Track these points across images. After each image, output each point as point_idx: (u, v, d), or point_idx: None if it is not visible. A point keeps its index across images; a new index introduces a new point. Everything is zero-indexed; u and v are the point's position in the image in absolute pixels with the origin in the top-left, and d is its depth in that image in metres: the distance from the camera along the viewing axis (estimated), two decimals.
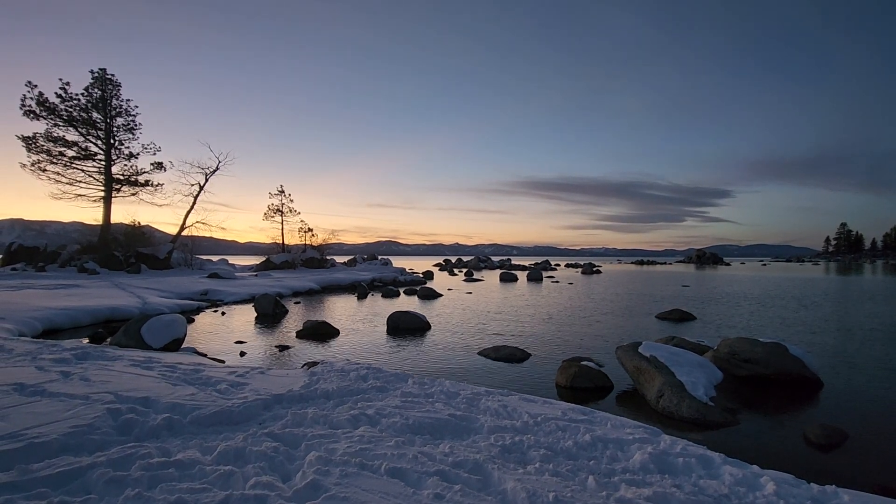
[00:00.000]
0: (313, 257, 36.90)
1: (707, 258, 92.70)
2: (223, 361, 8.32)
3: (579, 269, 55.85)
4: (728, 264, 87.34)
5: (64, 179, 28.86)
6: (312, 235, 41.45)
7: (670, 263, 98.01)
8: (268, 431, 3.93)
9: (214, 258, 36.69)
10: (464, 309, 17.29)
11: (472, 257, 71.16)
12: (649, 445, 4.01)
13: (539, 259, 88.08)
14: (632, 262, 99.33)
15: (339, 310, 17.27)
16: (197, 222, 32.93)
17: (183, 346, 9.32)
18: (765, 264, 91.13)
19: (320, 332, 11.65)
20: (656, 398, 6.16)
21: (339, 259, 42.96)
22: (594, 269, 54.18)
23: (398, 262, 56.30)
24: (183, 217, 32.67)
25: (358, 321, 14.16)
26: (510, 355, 9.10)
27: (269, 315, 15.12)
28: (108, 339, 9.76)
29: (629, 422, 4.80)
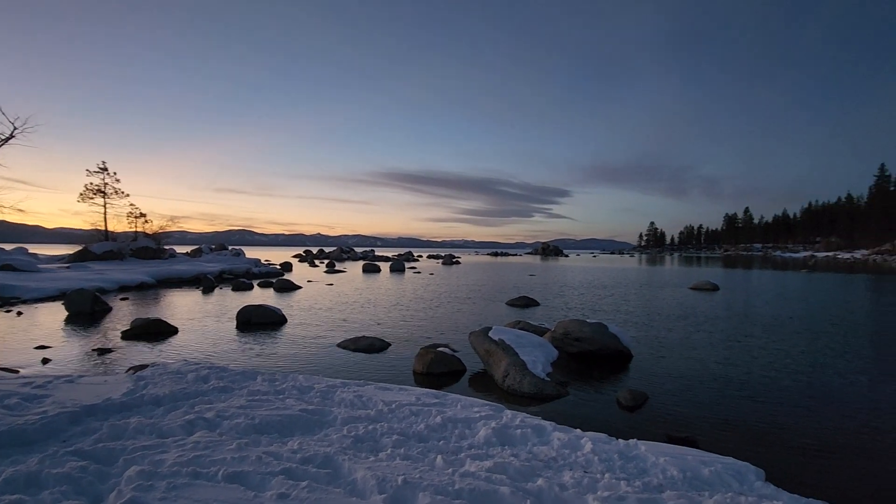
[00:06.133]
0: (147, 247, 32.13)
1: (551, 250, 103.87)
2: (17, 371, 6.82)
3: (440, 261, 58.05)
4: (567, 256, 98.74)
5: None
6: (146, 222, 35.98)
7: (521, 255, 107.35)
8: (74, 449, 3.33)
9: (8, 246, 29.71)
10: (324, 301, 16.75)
11: (335, 248, 69.12)
12: (493, 421, 4.34)
13: (402, 250, 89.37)
14: (488, 254, 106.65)
15: (179, 305, 15.38)
16: None
17: None
18: (595, 256, 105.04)
19: (153, 332, 10.24)
20: (503, 377, 6.70)
21: (181, 249, 38.19)
22: (454, 260, 56.85)
23: (253, 252, 52.13)
24: None
25: (202, 317, 12.78)
26: (369, 346, 9.07)
27: (86, 314, 12.82)
28: None
29: (478, 401, 5.14)
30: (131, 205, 36.03)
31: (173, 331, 10.54)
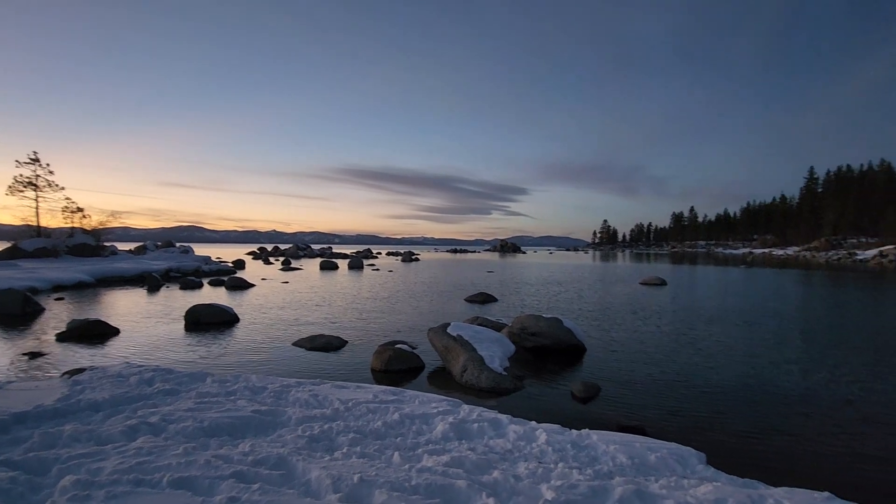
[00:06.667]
0: (85, 244, 30.14)
1: (509, 247, 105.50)
2: None
3: (399, 258, 57.73)
4: (525, 253, 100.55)
5: None
6: (84, 217, 33.71)
7: (479, 252, 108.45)
8: (2, 459, 3.08)
9: None
10: (279, 299, 16.30)
11: (291, 245, 67.33)
12: (451, 416, 4.37)
13: (361, 247, 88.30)
14: (447, 251, 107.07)
15: (122, 305, 14.54)
16: None
17: None
18: (551, 253, 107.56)
19: (92, 333, 9.63)
20: (461, 373, 6.75)
21: (124, 246, 36.13)
22: (413, 257, 56.67)
23: (203, 249, 50.07)
24: None
25: (146, 317, 12.13)
26: (326, 344, 8.91)
27: (16, 316, 11.91)
28: None
29: (435, 397, 5.16)
30: (67, 199, 33.64)
31: (114, 332, 9.96)
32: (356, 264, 36.88)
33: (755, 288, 21.83)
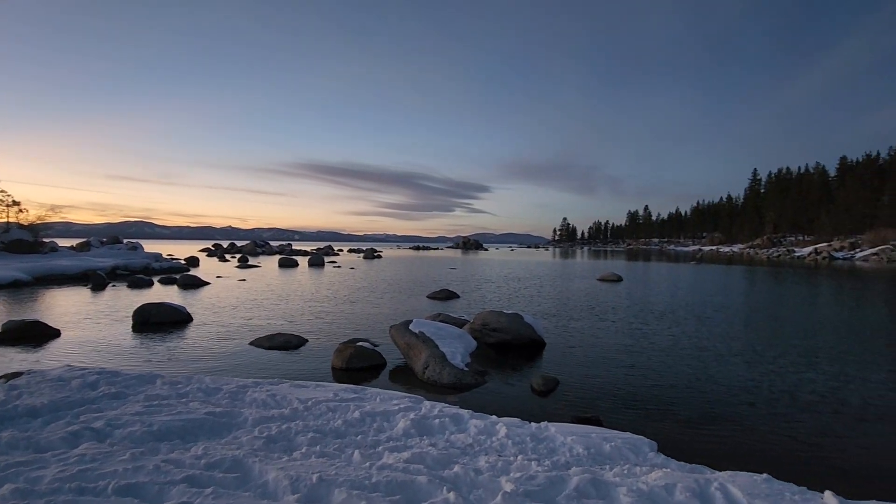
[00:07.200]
0: (21, 240, 28.16)
1: (471, 244, 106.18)
2: None
3: (361, 255, 57.06)
4: (487, 250, 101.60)
5: None
6: (20, 211, 31.45)
7: (442, 249, 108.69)
8: None
9: None
10: (235, 298, 15.78)
11: (248, 242, 65.22)
12: (412, 413, 4.38)
13: (322, 244, 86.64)
14: (410, 248, 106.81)
15: (63, 305, 13.69)
16: None
17: None
18: (513, 250, 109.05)
19: (30, 335, 9.03)
20: (423, 369, 6.76)
21: (65, 242, 33.95)
22: (375, 254, 56.14)
23: (153, 246, 47.77)
24: None
25: (90, 317, 11.47)
26: (285, 343, 8.71)
27: None
28: None
29: (397, 394, 5.15)
30: (1, 191, 31.34)
31: (54, 334, 9.37)
32: (317, 262, 36.19)
33: (704, 284, 22.94)
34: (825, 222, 68.22)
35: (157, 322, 10.68)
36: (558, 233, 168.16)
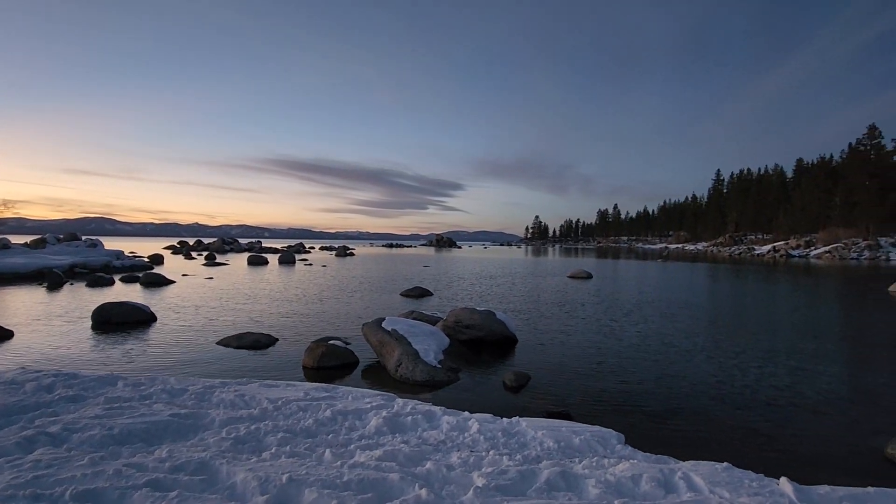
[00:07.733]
0: None
1: (444, 242, 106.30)
2: None
3: (334, 252, 56.37)
4: (460, 247, 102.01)
5: None
6: None
7: (415, 246, 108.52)
8: None
9: None
10: (202, 296, 15.34)
11: (216, 239, 63.39)
12: (384, 410, 4.35)
13: (293, 242, 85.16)
14: (383, 245, 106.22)
15: (16, 305, 13.02)
16: None
17: None
18: (486, 248, 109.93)
19: None
20: (395, 367, 6.73)
21: (19, 239, 32.28)
22: (348, 252, 55.55)
23: (115, 243, 45.95)
24: None
25: (45, 318, 10.94)
26: (255, 342, 8.53)
27: None
28: None
29: (369, 392, 5.11)
30: None
31: (7, 335, 8.89)
32: (287, 259, 35.55)
33: (669, 281, 23.64)
34: (783, 222, 71.37)
35: (118, 322, 10.27)
36: (531, 231, 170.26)
